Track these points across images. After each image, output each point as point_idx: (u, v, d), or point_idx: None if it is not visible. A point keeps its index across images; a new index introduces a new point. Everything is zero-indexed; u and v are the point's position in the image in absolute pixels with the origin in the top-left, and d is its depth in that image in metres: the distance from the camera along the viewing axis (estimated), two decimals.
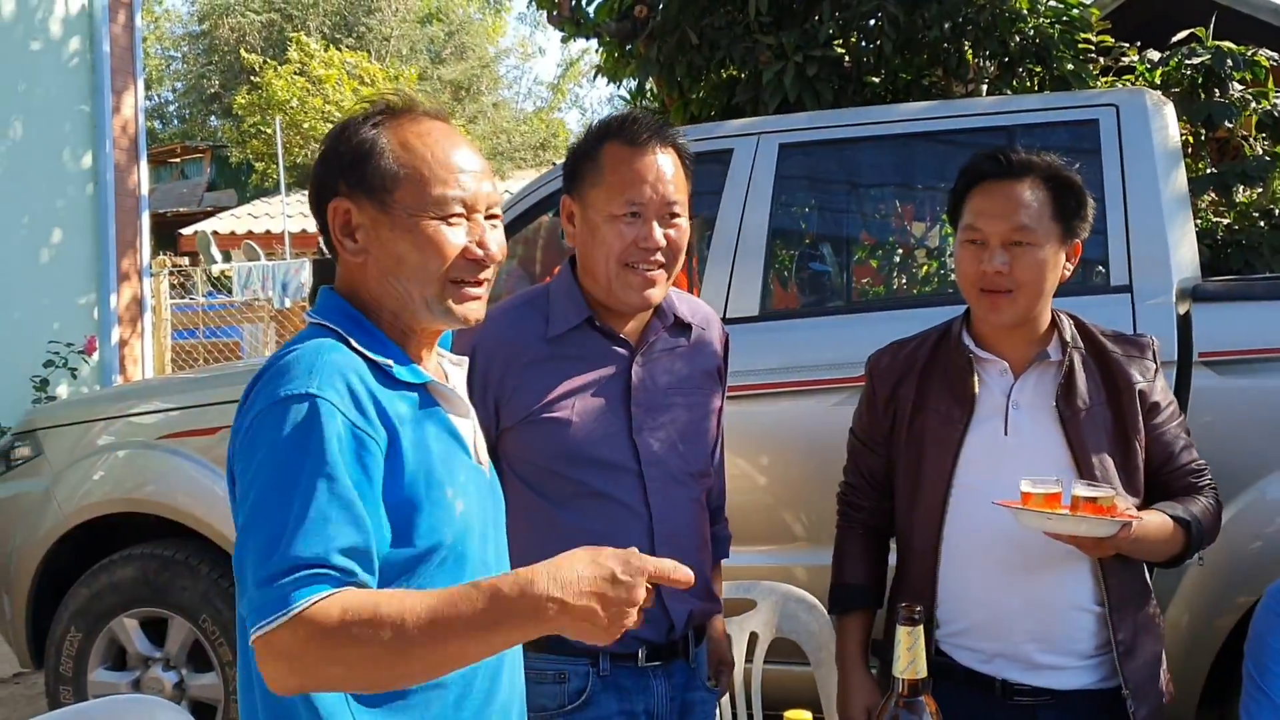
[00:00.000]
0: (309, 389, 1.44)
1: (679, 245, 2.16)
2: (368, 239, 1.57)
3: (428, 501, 1.51)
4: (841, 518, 2.48)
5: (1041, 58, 5.57)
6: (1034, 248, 2.15)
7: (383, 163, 1.55)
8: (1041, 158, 2.21)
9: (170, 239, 18.30)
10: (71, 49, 8.10)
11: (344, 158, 1.58)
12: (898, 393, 2.33)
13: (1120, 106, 3.45)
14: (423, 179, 1.55)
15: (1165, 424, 2.26)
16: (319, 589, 1.33)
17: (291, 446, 1.41)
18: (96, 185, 8.17)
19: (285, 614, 1.32)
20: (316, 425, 1.41)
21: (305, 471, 1.39)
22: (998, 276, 2.15)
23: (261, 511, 1.39)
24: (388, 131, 1.57)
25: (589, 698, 2.14)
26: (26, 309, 7.70)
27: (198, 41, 28.70)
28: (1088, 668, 2.18)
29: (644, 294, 2.14)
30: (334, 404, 1.43)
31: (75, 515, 4.14)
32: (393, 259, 1.56)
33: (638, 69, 6.22)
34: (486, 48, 30.10)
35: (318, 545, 1.36)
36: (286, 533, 1.36)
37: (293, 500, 1.38)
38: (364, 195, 1.56)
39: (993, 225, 2.16)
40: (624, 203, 2.11)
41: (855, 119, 3.85)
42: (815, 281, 4.46)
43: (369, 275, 1.59)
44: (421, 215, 1.55)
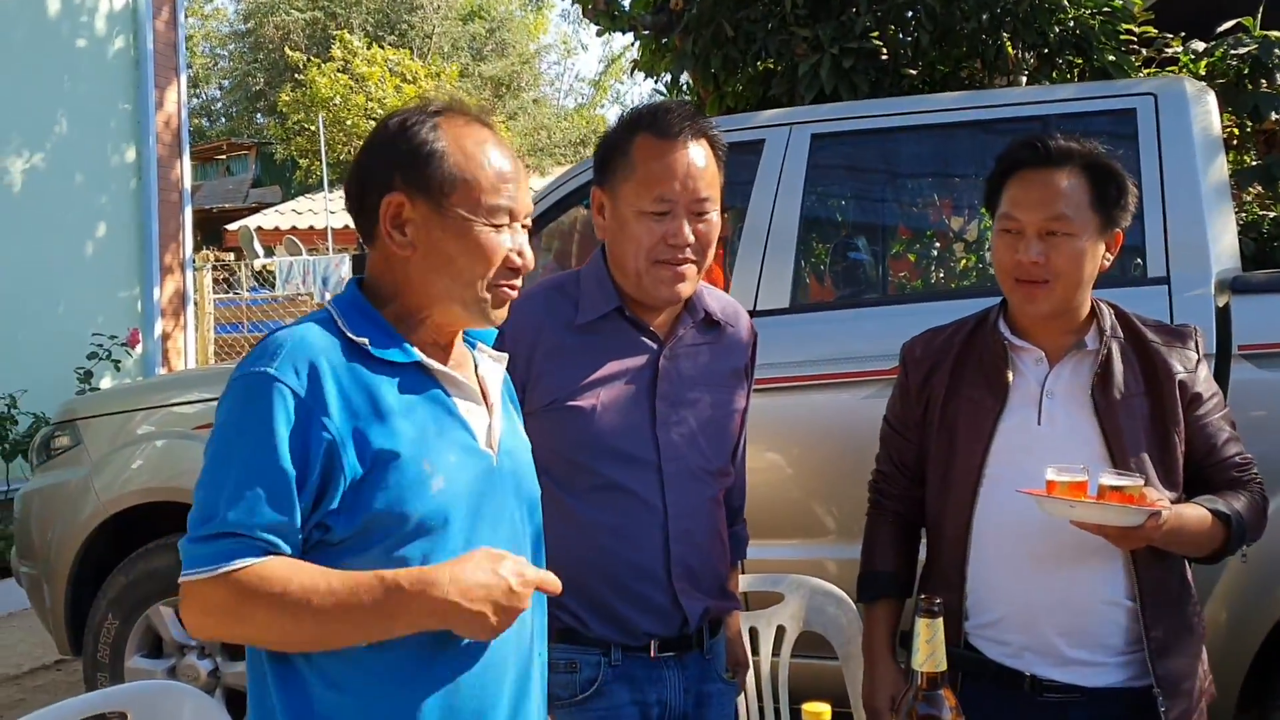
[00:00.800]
0: (265, 368, 1.54)
1: (709, 240, 2.14)
2: (417, 235, 1.64)
3: (391, 474, 1.56)
4: (872, 506, 2.46)
5: (1082, 49, 5.48)
6: (1071, 238, 2.11)
7: (444, 166, 1.63)
8: (1081, 144, 2.16)
9: (216, 235, 18.50)
10: (115, 46, 8.20)
11: (402, 154, 1.64)
12: (931, 380, 2.30)
13: (1159, 95, 3.40)
14: (479, 186, 1.64)
15: (1208, 415, 2.20)
16: (245, 557, 1.49)
17: (239, 420, 1.53)
18: (140, 180, 8.26)
19: (212, 570, 1.48)
20: (263, 401, 1.52)
21: (246, 445, 1.51)
22: (1033, 267, 2.11)
23: (206, 476, 1.53)
24: (447, 135, 1.65)
25: (600, 688, 2.13)
26: (71, 302, 7.81)
27: (243, 40, 28.98)
28: (1119, 665, 2.13)
29: (674, 289, 2.13)
30: (284, 383, 1.53)
31: (113, 504, 4.19)
32: (442, 258, 1.64)
33: (673, 62, 6.20)
34: (527, 44, 30.17)
35: (246, 515, 1.49)
36: (223, 499, 1.49)
37: (230, 470, 1.51)
38: (420, 193, 1.63)
39: (1029, 214, 2.13)
40: (654, 199, 2.09)
41: (888, 109, 3.80)
42: (847, 274, 4.42)
43: (410, 269, 1.66)
44: (475, 220, 1.63)
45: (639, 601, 2.14)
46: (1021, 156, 2.17)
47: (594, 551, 2.10)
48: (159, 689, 2.46)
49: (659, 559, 2.14)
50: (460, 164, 1.64)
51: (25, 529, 4.54)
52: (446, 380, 1.67)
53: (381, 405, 1.58)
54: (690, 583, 2.18)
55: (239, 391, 1.55)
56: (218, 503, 1.50)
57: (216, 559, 1.48)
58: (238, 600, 1.48)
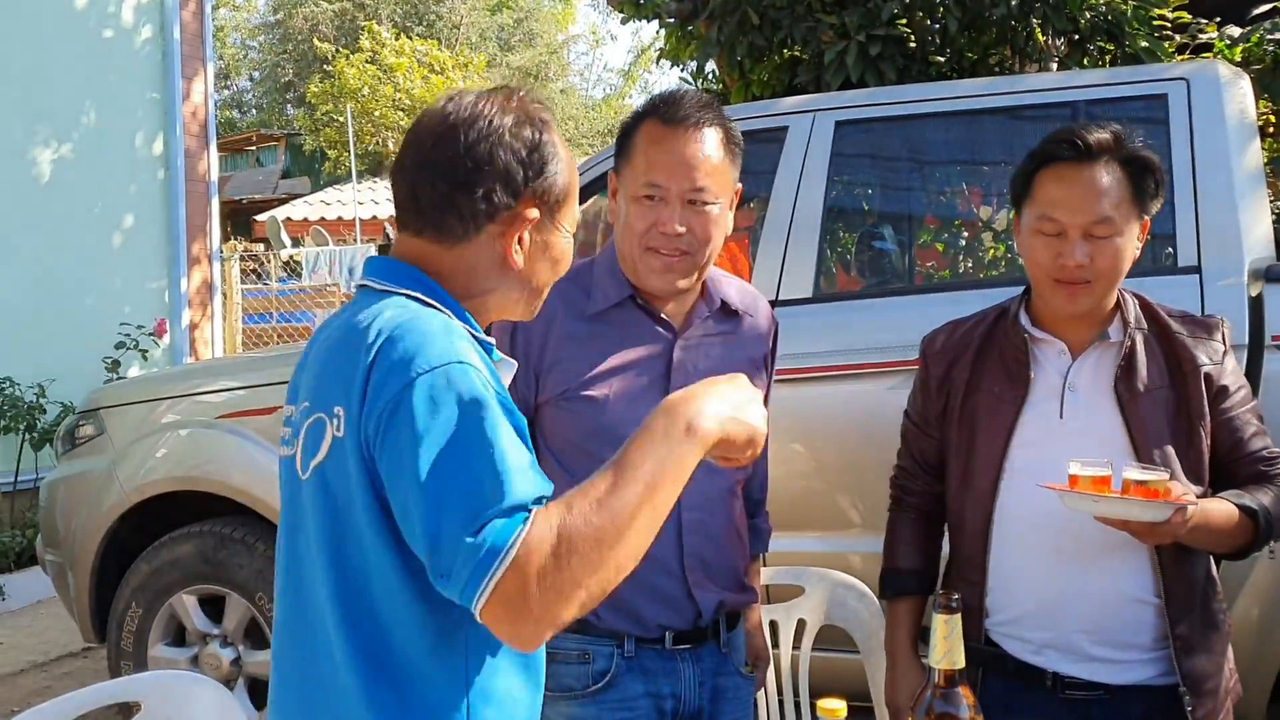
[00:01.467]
0: (456, 359, 1.39)
1: (703, 234, 2.07)
2: (533, 249, 1.59)
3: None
4: (894, 502, 2.43)
5: (1113, 35, 5.40)
6: (1114, 237, 2.06)
7: (559, 180, 1.58)
8: (1116, 135, 2.09)
9: (245, 225, 18.61)
10: (143, 36, 8.23)
11: (533, 164, 1.55)
12: (952, 373, 2.26)
13: (1191, 80, 3.34)
14: (573, 199, 1.63)
15: (1234, 409, 2.14)
16: (517, 520, 1.30)
17: (464, 410, 1.36)
18: (167, 171, 8.30)
19: (518, 535, 1.28)
20: (473, 388, 1.38)
21: (489, 427, 1.36)
22: (1079, 269, 2.06)
23: (456, 473, 1.33)
24: (560, 146, 1.60)
25: (613, 679, 2.10)
26: (99, 292, 7.85)
27: (273, 31, 29.12)
28: (1144, 662, 2.09)
29: (664, 279, 2.09)
30: (478, 369, 1.41)
31: (136, 493, 4.20)
32: (544, 267, 1.61)
33: (698, 50, 6.16)
34: (555, 34, 30.18)
35: (529, 490, 1.34)
36: (488, 481, 1.32)
37: (484, 454, 1.34)
38: (544, 208, 1.57)
39: (1073, 216, 2.06)
40: (646, 184, 2.06)
41: (913, 95, 3.76)
42: (872, 263, 4.38)
43: (507, 277, 1.58)
44: (568, 232, 1.63)
45: (652, 593, 2.11)
46: (1058, 153, 2.10)
47: None
48: (174, 679, 2.47)
49: (672, 550, 2.11)
50: (568, 177, 1.60)
51: (50, 517, 4.57)
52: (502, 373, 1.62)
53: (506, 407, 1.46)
54: (704, 574, 2.15)
55: (440, 390, 1.36)
56: (480, 492, 1.31)
57: (513, 529, 1.29)
58: (553, 556, 1.28)
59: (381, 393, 1.38)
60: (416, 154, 1.56)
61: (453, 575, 1.30)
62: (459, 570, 1.29)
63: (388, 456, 1.37)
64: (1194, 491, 2.05)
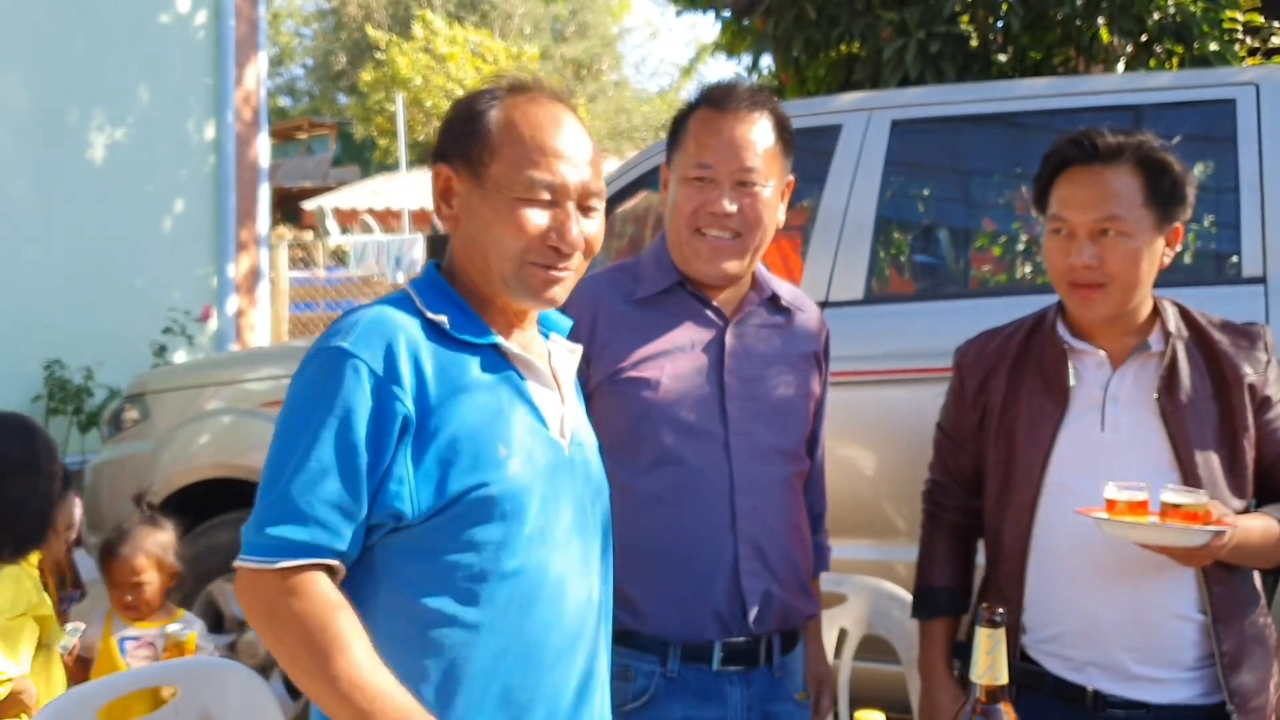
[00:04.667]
0: (343, 344, 1.51)
1: (755, 214, 2.06)
2: (461, 206, 1.63)
3: (468, 454, 1.54)
4: (927, 517, 2.38)
5: (1182, 37, 5.30)
6: (1125, 238, 2.01)
7: (484, 136, 1.61)
8: (1133, 138, 2.05)
9: (294, 213, 18.74)
10: (198, 22, 8.28)
11: (455, 127, 1.64)
12: (988, 385, 2.21)
13: (1261, 85, 3.25)
14: (515, 158, 1.60)
15: (1278, 420, 2.10)
16: (304, 556, 1.46)
17: (314, 396, 1.50)
18: (218, 157, 8.34)
19: (270, 563, 1.46)
20: (339, 378, 1.50)
21: (319, 422, 1.48)
22: (1086, 270, 2.02)
23: (275, 453, 1.51)
24: (501, 107, 1.62)
25: (651, 699, 2.03)
26: (149, 277, 7.92)
27: (327, 19, 29.33)
28: (1188, 680, 2.04)
29: (712, 263, 2.06)
30: (363, 360, 1.50)
31: (178, 478, 4.22)
32: (479, 229, 1.62)
33: (753, 45, 6.10)
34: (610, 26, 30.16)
35: (313, 498, 1.46)
36: (293, 479, 1.46)
37: (300, 448, 1.47)
38: (463, 165, 1.62)
39: (1079, 215, 2.03)
40: (695, 165, 2.05)
41: (972, 95, 3.69)
42: (926, 266, 4.30)
43: (459, 241, 1.66)
44: (508, 192, 1.59)
45: (702, 581, 2.04)
46: (1069, 154, 2.08)
47: (656, 528, 2.02)
48: (210, 666, 2.47)
49: (726, 536, 2.05)
50: (500, 134, 1.61)
51: (95, 500, 4.60)
52: (521, 364, 1.65)
53: (459, 385, 1.56)
54: (759, 562, 2.07)
55: (314, 368, 1.53)
56: (279, 478, 1.48)
57: (274, 551, 1.46)
58: (283, 601, 1.45)
59: None
60: None
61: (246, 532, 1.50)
62: (246, 530, 1.50)
63: None
64: (1236, 506, 2.03)
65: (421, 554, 1.54)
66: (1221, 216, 3.42)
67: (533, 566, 1.58)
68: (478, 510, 1.53)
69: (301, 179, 20.73)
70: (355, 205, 17.56)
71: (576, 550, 1.66)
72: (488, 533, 1.54)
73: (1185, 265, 3.52)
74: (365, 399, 1.49)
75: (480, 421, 1.55)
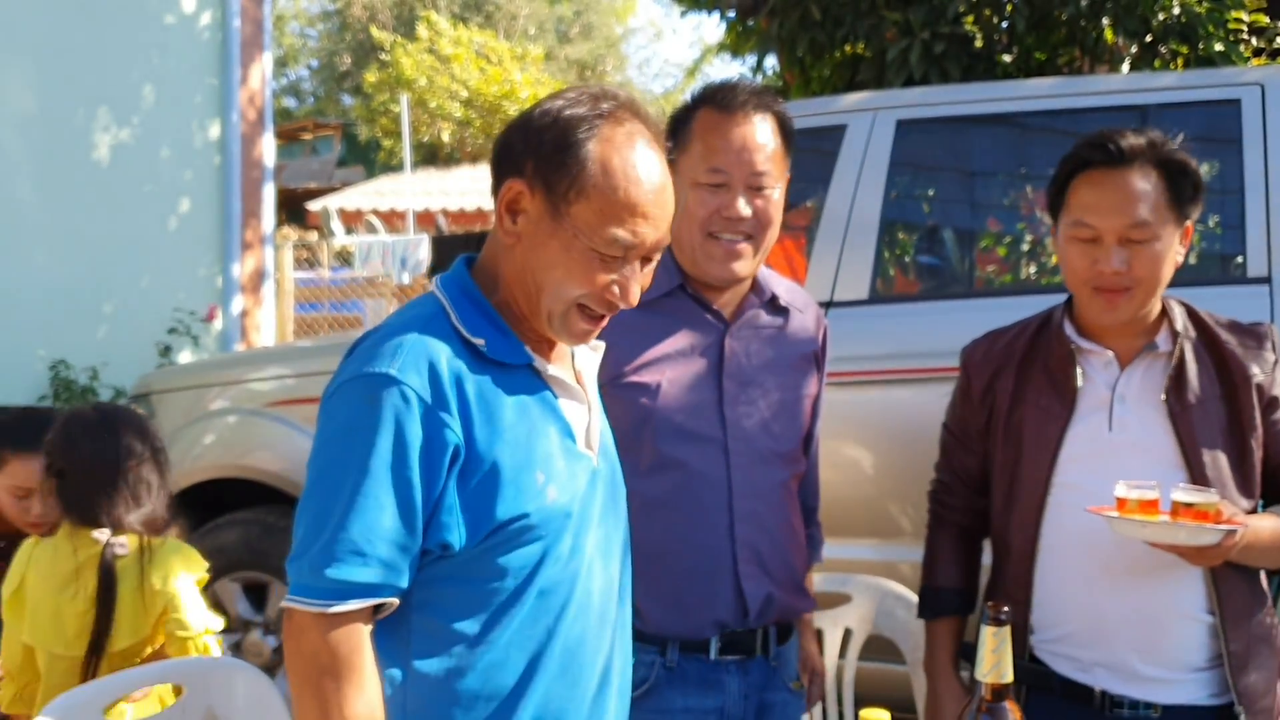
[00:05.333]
0: (389, 370, 1.45)
1: (767, 217, 2.07)
2: (527, 228, 1.54)
3: (509, 483, 1.50)
4: (933, 517, 2.38)
5: (1187, 37, 5.29)
6: (1152, 241, 2.01)
7: (576, 172, 1.50)
8: (1150, 138, 2.04)
9: (299, 213, 18.75)
10: (202, 22, 8.27)
11: (545, 143, 1.52)
12: (995, 385, 2.21)
13: (1266, 85, 3.25)
14: (603, 209, 1.50)
15: None
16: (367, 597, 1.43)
17: (361, 425, 1.43)
18: (223, 157, 8.33)
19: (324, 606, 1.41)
20: (388, 407, 1.43)
21: (368, 452, 1.42)
22: (1116, 276, 2.01)
23: (321, 484, 1.44)
24: (598, 141, 1.51)
25: (651, 689, 2.07)
26: (154, 276, 7.91)
27: (331, 20, 29.35)
28: (1196, 681, 2.04)
29: (727, 266, 2.07)
30: (412, 388, 1.44)
31: (183, 478, 4.20)
32: (541, 260, 1.53)
33: (758, 45, 6.10)
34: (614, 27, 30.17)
35: (365, 529, 1.41)
36: (339, 511, 1.41)
37: (348, 479, 1.42)
38: (543, 189, 1.52)
39: (1107, 221, 2.01)
40: (708, 170, 2.05)
41: (977, 95, 3.69)
42: (931, 266, 4.30)
43: (513, 259, 1.57)
44: (585, 240, 1.51)
45: (701, 585, 2.07)
46: (1091, 157, 2.05)
47: (656, 532, 2.03)
48: (214, 665, 2.47)
49: (724, 541, 2.08)
50: (595, 178, 1.50)
51: None
52: (554, 382, 1.62)
53: (497, 411, 1.51)
54: (757, 566, 2.10)
55: (359, 394, 1.45)
56: (342, 521, 1.41)
57: (336, 595, 1.42)
58: (329, 648, 1.41)
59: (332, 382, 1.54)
60: None
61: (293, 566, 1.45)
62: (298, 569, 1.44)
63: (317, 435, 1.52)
64: (1244, 506, 2.03)
65: (457, 580, 1.51)
66: (1226, 217, 3.42)
67: (565, 582, 1.57)
68: (516, 538, 1.51)
69: (306, 180, 20.74)
70: (360, 206, 17.58)
71: (601, 557, 1.66)
72: (524, 557, 1.52)
73: (1190, 265, 3.52)
74: (417, 429, 1.43)
75: (519, 449, 1.52)
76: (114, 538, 2.56)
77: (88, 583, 2.53)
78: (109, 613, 2.53)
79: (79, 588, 2.53)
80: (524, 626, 1.53)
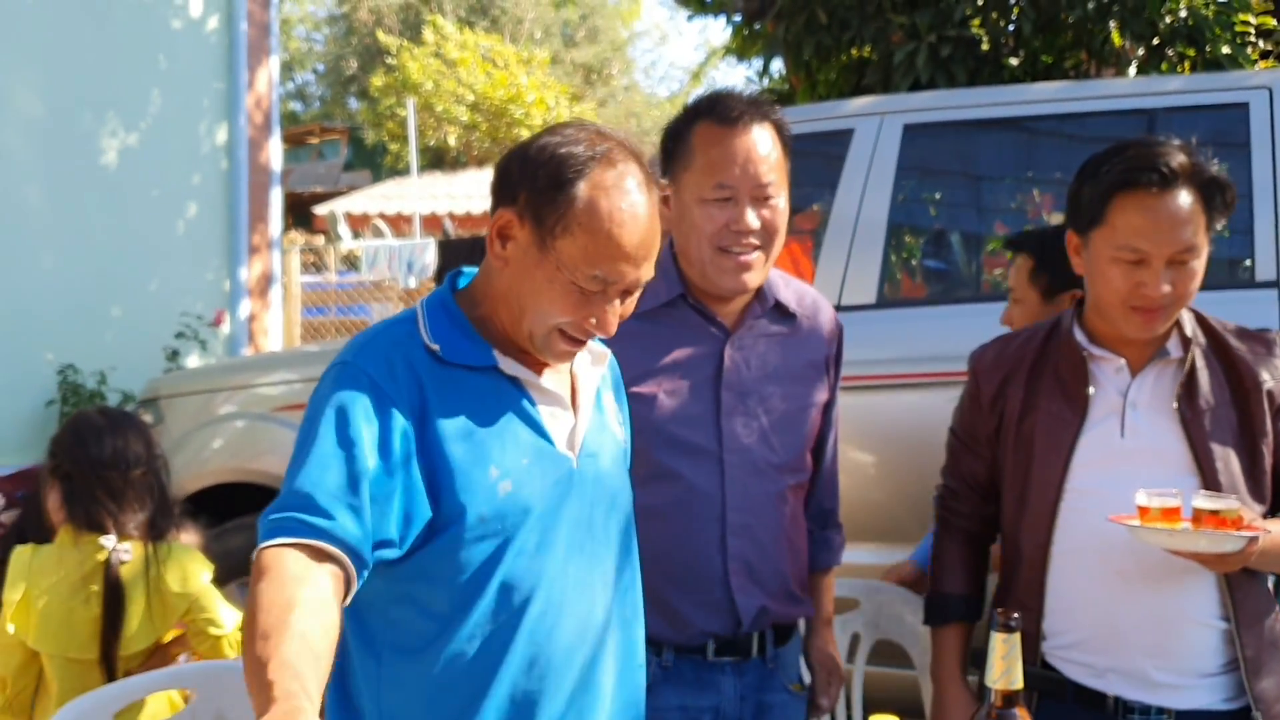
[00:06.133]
0: (347, 358, 1.60)
1: (774, 226, 2.07)
2: (515, 255, 1.61)
3: (461, 473, 1.57)
4: (940, 523, 2.36)
5: (1194, 40, 5.28)
6: (1194, 261, 2.00)
7: (563, 210, 1.56)
8: (1189, 154, 2.00)
9: (306, 217, 18.77)
10: (209, 27, 8.29)
11: (539, 177, 1.59)
12: (1005, 391, 2.19)
13: (1274, 88, 3.26)
14: (586, 248, 1.57)
15: None
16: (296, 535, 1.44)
17: (323, 401, 1.55)
18: (230, 161, 8.35)
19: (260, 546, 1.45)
20: (345, 386, 1.55)
21: (324, 422, 1.52)
22: (1162, 298, 1.99)
23: (291, 463, 1.54)
24: (588, 184, 1.57)
25: (647, 688, 2.05)
26: (161, 281, 7.92)
27: (338, 24, 29.39)
28: (1210, 686, 2.03)
29: (740, 278, 2.07)
30: (368, 373, 1.56)
31: (191, 482, 4.22)
32: (526, 286, 1.61)
33: (764, 49, 6.10)
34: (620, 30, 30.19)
35: (308, 483, 1.47)
36: (292, 475, 1.50)
37: (305, 447, 1.52)
38: (533, 221, 1.59)
39: (1159, 247, 1.97)
40: (715, 186, 2.05)
41: (984, 99, 3.69)
42: (937, 270, 4.30)
43: (501, 280, 1.64)
44: (568, 274, 1.58)
45: (693, 595, 2.08)
46: (1139, 179, 1.99)
47: (650, 541, 2.02)
48: (224, 669, 2.47)
49: (715, 553, 2.08)
50: (581, 217, 1.56)
51: None
52: (527, 384, 1.67)
53: (454, 409, 1.59)
54: (748, 579, 2.11)
55: (325, 380, 1.59)
56: (291, 480, 1.50)
57: (269, 534, 1.46)
58: (258, 567, 1.43)
59: None
60: None
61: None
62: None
63: None
64: (1257, 511, 2.03)
65: (426, 575, 1.59)
66: (1235, 220, 3.41)
67: (530, 577, 1.61)
68: (473, 530, 1.58)
69: (313, 184, 20.77)
70: (367, 210, 17.58)
71: (582, 557, 1.68)
72: (482, 550, 1.59)
73: None
74: (368, 406, 1.53)
75: (473, 445, 1.59)
76: (118, 544, 2.57)
77: (98, 588, 2.54)
78: (117, 619, 2.54)
79: (89, 594, 2.54)
80: (485, 619, 1.59)
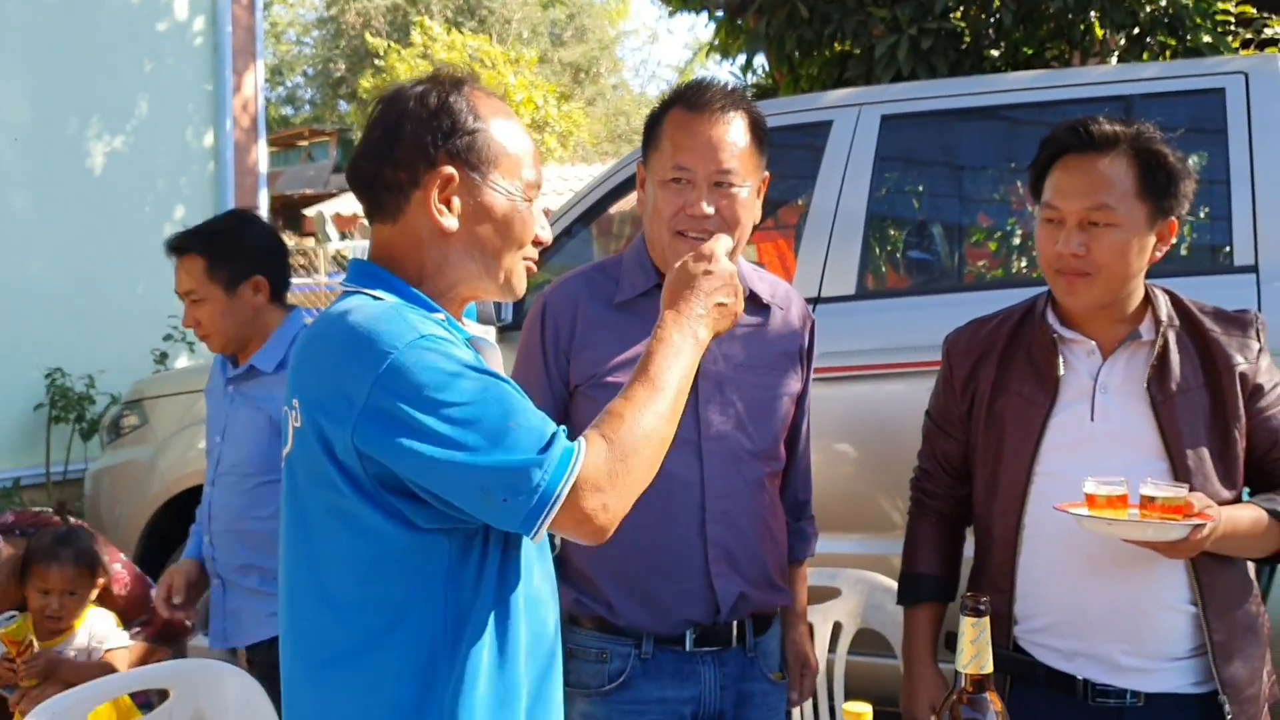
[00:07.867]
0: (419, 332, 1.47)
1: (733, 215, 2.06)
2: (464, 210, 1.60)
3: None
4: (914, 505, 2.37)
5: (1174, 29, 5.30)
6: (1114, 228, 2.00)
7: (487, 140, 1.60)
8: (1131, 128, 2.03)
9: (296, 219, 18.76)
10: (195, 29, 8.29)
11: (442, 127, 1.60)
12: (977, 374, 2.20)
13: (1250, 74, 3.25)
14: (517, 161, 1.63)
15: (1270, 409, 2.08)
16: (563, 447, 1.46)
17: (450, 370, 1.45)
18: (217, 163, 8.36)
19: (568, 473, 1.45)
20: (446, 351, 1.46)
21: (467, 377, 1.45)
22: (1073, 259, 2.01)
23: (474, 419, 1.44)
24: (482, 109, 1.62)
25: (627, 680, 2.09)
26: (149, 283, 7.91)
27: (326, 26, 29.35)
28: (1178, 670, 2.04)
29: None
30: (443, 335, 1.50)
31: (178, 483, 4.23)
32: (484, 232, 1.61)
33: (746, 44, 6.10)
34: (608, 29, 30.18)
35: (542, 422, 1.48)
36: (521, 428, 1.45)
37: (493, 400, 1.45)
38: (465, 167, 1.60)
39: (1070, 203, 2.02)
40: (672, 167, 2.06)
41: (962, 89, 3.69)
42: (917, 260, 4.30)
43: (451, 245, 1.61)
44: (516, 194, 1.62)
45: (673, 583, 2.09)
46: (1066, 141, 2.06)
47: (629, 530, 2.03)
48: (202, 667, 2.48)
49: (695, 538, 2.09)
50: (498, 138, 1.62)
51: (95, 506, 4.62)
52: (483, 351, 1.65)
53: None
54: (728, 565, 2.11)
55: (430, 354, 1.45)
56: (518, 429, 1.45)
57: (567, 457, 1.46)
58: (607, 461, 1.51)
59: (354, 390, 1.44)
60: (360, 141, 1.68)
61: (516, 500, 1.42)
62: (522, 494, 1.42)
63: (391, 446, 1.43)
64: (1227, 496, 2.02)
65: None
66: (1213, 206, 3.42)
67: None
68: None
69: (303, 186, 20.75)
70: (355, 211, 17.55)
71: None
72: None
73: (1178, 254, 3.52)
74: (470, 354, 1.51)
75: None
76: None
77: None
78: None
79: None
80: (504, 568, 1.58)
